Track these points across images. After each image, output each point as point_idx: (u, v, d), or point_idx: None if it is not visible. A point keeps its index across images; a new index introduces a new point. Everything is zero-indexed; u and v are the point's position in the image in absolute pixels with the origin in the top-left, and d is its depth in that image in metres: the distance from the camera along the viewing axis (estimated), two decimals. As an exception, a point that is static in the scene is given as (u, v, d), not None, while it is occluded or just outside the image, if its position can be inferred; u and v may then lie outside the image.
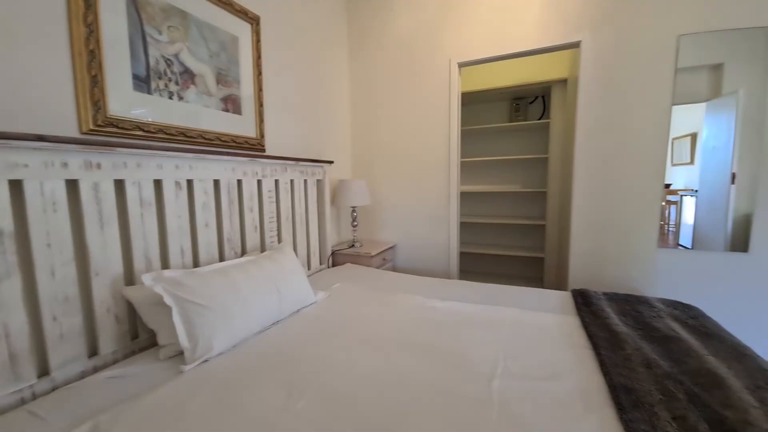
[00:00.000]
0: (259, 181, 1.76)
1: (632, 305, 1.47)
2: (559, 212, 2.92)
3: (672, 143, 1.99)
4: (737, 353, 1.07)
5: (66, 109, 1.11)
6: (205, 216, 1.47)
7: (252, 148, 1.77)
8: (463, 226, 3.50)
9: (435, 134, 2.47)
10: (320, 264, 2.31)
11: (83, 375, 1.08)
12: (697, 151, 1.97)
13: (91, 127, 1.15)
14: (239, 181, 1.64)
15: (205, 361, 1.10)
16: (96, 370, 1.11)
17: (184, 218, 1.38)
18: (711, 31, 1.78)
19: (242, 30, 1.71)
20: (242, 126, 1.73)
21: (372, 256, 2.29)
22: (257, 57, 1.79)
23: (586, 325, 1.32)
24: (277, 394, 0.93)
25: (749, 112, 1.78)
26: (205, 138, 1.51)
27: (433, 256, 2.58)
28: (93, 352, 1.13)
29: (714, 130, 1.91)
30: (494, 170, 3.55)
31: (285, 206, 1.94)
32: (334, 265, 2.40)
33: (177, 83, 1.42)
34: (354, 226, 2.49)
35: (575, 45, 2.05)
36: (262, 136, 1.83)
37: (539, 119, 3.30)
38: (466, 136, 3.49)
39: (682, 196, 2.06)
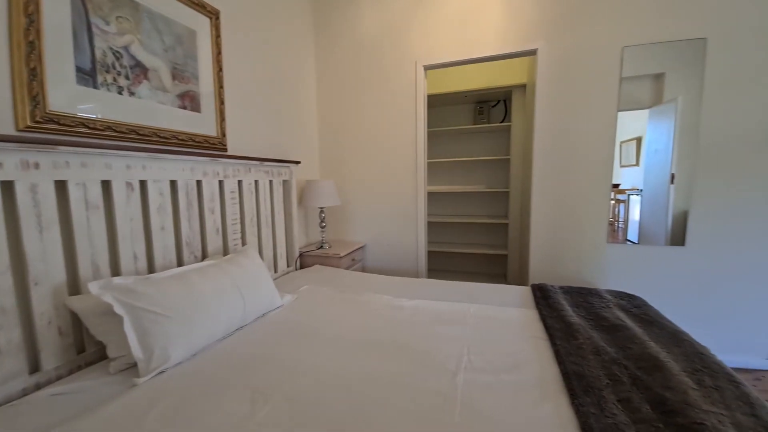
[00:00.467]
0: (220, 182, 1.70)
1: (585, 297, 1.57)
2: (521, 211, 3.06)
3: (620, 146, 2.15)
4: (676, 339, 1.18)
5: (1, 104, 1.01)
6: (161, 219, 1.39)
7: (212, 147, 1.70)
8: (431, 226, 3.58)
9: (402, 135, 2.50)
10: (288, 266, 2.27)
11: (25, 392, 0.99)
12: (642, 153, 2.14)
13: (29, 123, 1.05)
14: (199, 182, 1.57)
15: (162, 372, 1.04)
16: (39, 387, 1.02)
17: (137, 221, 1.30)
18: (652, 43, 1.94)
19: (200, 24, 1.64)
20: (201, 124, 1.66)
21: (341, 257, 2.28)
22: (217, 53, 1.73)
23: (543, 318, 1.39)
24: (240, 402, 0.91)
25: (686, 118, 1.96)
26: (159, 136, 1.43)
27: (402, 255, 2.61)
28: (35, 368, 1.03)
29: (656, 134, 2.08)
30: (460, 171, 3.65)
31: (249, 208, 1.88)
32: (302, 267, 2.36)
33: (127, 77, 1.33)
34: (322, 227, 2.47)
35: (532, 52, 2.15)
36: (224, 135, 1.76)
37: (501, 122, 3.44)
38: (432, 137, 3.56)
39: (629, 195, 2.23)
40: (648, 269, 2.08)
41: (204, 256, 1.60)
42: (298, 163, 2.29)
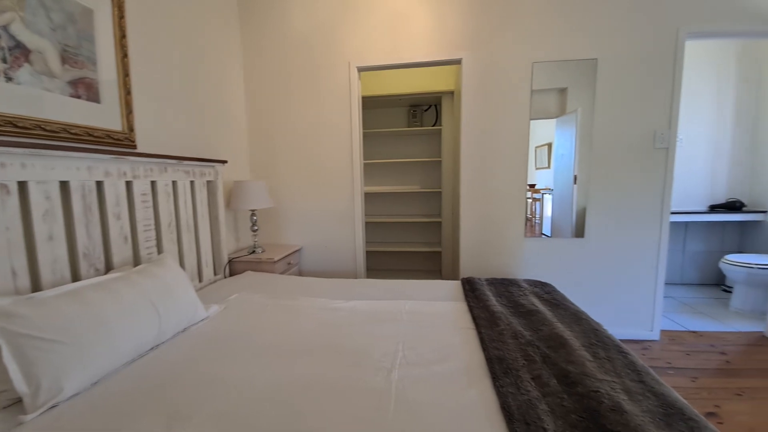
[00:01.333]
0: (128, 183, 1.50)
1: (506, 287, 1.72)
2: (452, 210, 3.25)
3: (535, 151, 2.41)
4: (576, 318, 1.35)
5: None
6: (49, 227, 1.18)
7: (117, 143, 1.49)
8: (369, 226, 3.61)
9: (338, 135, 2.48)
10: (215, 274, 2.09)
11: None
12: (552, 157, 2.42)
13: None
14: (99, 184, 1.37)
15: (54, 406, 0.88)
16: None
17: (15, 231, 1.09)
18: (556, 60, 2.21)
19: (98, 2, 1.43)
20: (102, 116, 1.44)
21: (275, 262, 2.18)
22: (121, 36, 1.52)
23: (471, 309, 1.49)
24: (154, 428, 0.81)
25: (584, 128, 2.27)
26: (45, 129, 1.21)
27: (340, 257, 2.59)
28: None
29: (562, 140, 2.37)
30: (395, 172, 3.75)
31: (166, 212, 1.70)
32: (232, 274, 2.20)
33: (5, 60, 1.11)
34: (254, 231, 2.33)
35: (457, 62, 2.30)
36: (131, 129, 1.56)
37: (433, 126, 3.62)
38: (368, 138, 3.61)
39: (543, 194, 2.50)
40: (558, 259, 2.36)
41: (108, 268, 1.40)
42: (224, 162, 2.13)
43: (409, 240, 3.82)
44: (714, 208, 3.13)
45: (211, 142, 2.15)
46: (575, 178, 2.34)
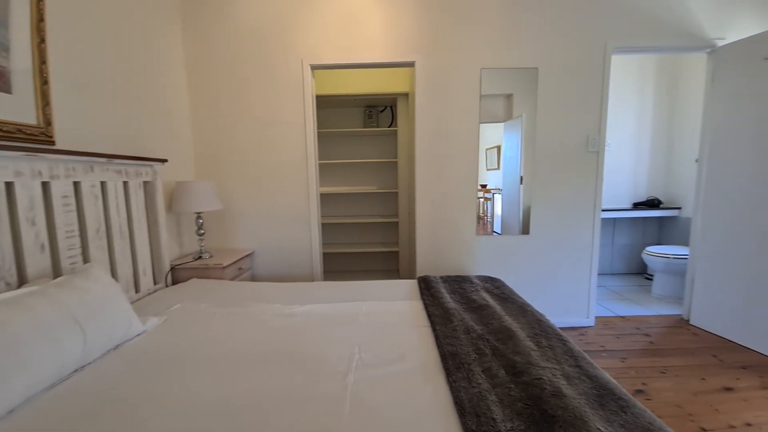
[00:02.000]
0: (45, 184, 1.32)
1: (459, 284, 1.79)
2: (408, 210, 3.30)
3: (486, 153, 2.53)
4: (522, 310, 1.44)
5: None
6: (-60, 236, 1.00)
7: (31, 139, 1.31)
8: (326, 227, 3.55)
9: (291, 135, 2.40)
10: (155, 284, 1.92)
11: None
12: (501, 159, 2.55)
13: None
14: (9, 185, 1.19)
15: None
16: None
17: None
18: (501, 68, 2.34)
19: (7, -22, 1.25)
20: (12, 108, 1.26)
21: (224, 267, 2.05)
22: (38, 19, 1.34)
23: (427, 307, 1.52)
24: (76, 462, 0.72)
25: (528, 132, 2.42)
26: (-67, 121, 1.03)
27: (296, 259, 2.51)
28: None
29: (509, 143, 2.51)
30: (352, 172, 3.73)
31: (94, 216, 1.52)
32: (175, 282, 2.04)
33: None
34: (201, 235, 2.18)
35: (411, 64, 2.34)
36: (49, 123, 1.38)
37: (389, 127, 3.65)
38: (324, 138, 3.55)
39: (494, 194, 2.63)
40: (507, 255, 2.50)
41: (22, 282, 1.22)
42: (164, 161, 1.97)
43: (367, 240, 3.81)
44: (637, 206, 3.51)
45: (148, 140, 1.97)
46: (521, 178, 2.49)
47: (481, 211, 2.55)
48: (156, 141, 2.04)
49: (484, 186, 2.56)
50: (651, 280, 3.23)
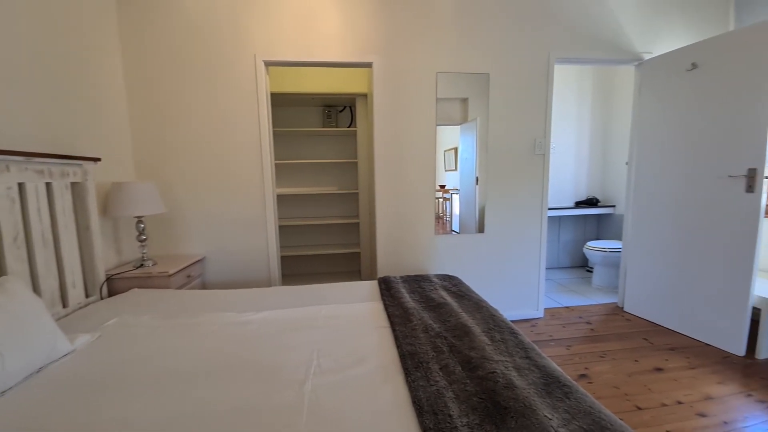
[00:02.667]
0: (-57, 187, 1.13)
1: (419, 283, 1.82)
2: (369, 210, 3.30)
3: (444, 154, 2.59)
4: (477, 306, 1.49)
5: None
6: None
7: (-77, 134, 1.11)
8: (284, 230, 3.44)
9: (245, 133, 2.29)
10: (87, 296, 1.73)
11: None
12: (458, 160, 2.63)
13: None
14: None
15: None
16: None
17: None
18: (456, 72, 2.41)
19: None
20: None
21: (170, 275, 1.90)
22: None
23: (387, 307, 1.53)
24: None
25: (482, 135, 2.52)
26: None
27: (252, 264, 2.40)
28: None
29: (465, 145, 2.60)
30: (311, 173, 3.65)
31: (10, 222, 1.33)
32: (112, 294, 1.85)
33: None
34: (142, 242, 2.00)
35: (368, 65, 2.34)
36: (-53, 116, 1.18)
37: (348, 127, 3.62)
38: (281, 138, 3.44)
39: (452, 194, 2.71)
40: (464, 253, 2.58)
41: None
42: (96, 160, 1.78)
43: (328, 242, 3.75)
44: (578, 204, 3.81)
45: (77, 137, 1.77)
46: (477, 179, 2.59)
47: (440, 211, 2.62)
48: (87, 138, 1.84)
49: (442, 186, 2.63)
50: (591, 272, 3.52)
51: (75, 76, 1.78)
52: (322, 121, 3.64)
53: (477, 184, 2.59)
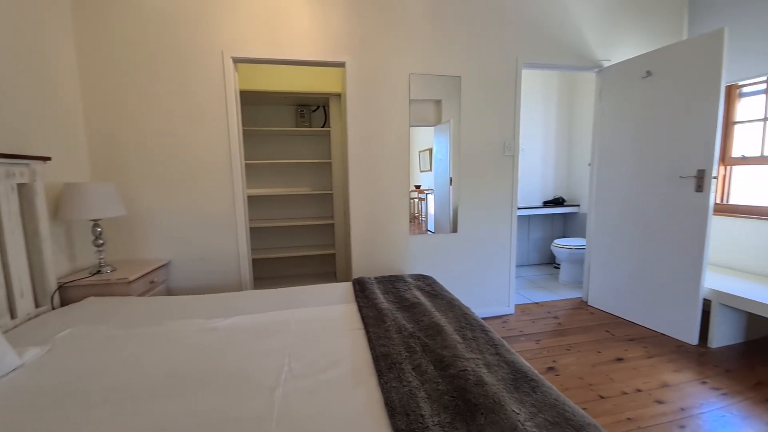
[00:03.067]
0: None
1: (393, 284, 1.82)
2: (344, 211, 3.27)
3: (419, 155, 2.62)
4: (450, 305, 1.51)
5: None
6: None
7: None
8: (255, 232, 3.35)
9: (212, 132, 2.20)
10: (37, 306, 1.61)
11: None
12: (433, 161, 2.66)
13: None
14: None
15: None
16: None
17: None
18: (429, 74, 2.44)
19: None
20: None
21: (130, 282, 1.80)
22: None
23: (361, 309, 1.52)
24: None
25: (455, 136, 2.57)
26: None
27: (221, 268, 2.31)
28: None
29: (439, 147, 2.63)
30: (284, 173, 3.57)
31: (-58, 228, 1.21)
32: (66, 303, 1.73)
33: None
34: (99, 246, 1.88)
35: (341, 64, 2.32)
36: None
37: (322, 127, 3.58)
38: (252, 137, 3.34)
39: (427, 194, 2.74)
40: (438, 253, 2.62)
41: None
42: (46, 159, 1.65)
43: (302, 244, 3.68)
44: (546, 204, 3.97)
45: (23, 134, 1.63)
46: (451, 179, 2.63)
47: (416, 211, 2.64)
48: (36, 136, 1.70)
49: (418, 187, 2.65)
50: (558, 268, 3.68)
51: (23, 70, 1.64)
52: (295, 121, 3.57)
53: (451, 184, 2.63)
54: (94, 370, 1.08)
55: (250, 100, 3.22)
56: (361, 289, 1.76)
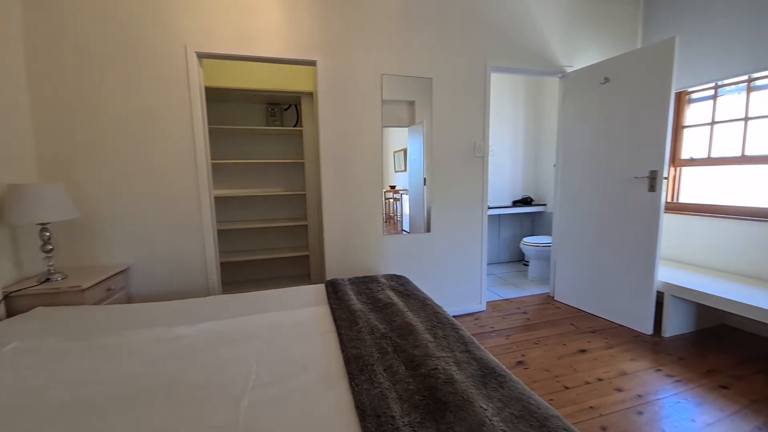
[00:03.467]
0: None
1: (366, 284, 1.81)
2: (317, 212, 3.22)
3: (393, 155, 2.62)
4: (423, 305, 1.53)
5: None
6: None
7: None
8: (224, 234, 3.23)
9: (175, 130, 2.10)
10: (-26, 319, 1.46)
11: None
12: (408, 161, 2.68)
13: None
14: None
15: None
16: None
17: None
18: (401, 75, 2.45)
19: None
20: None
21: (84, 290, 1.68)
22: None
23: (333, 311, 1.50)
24: None
25: (428, 137, 2.59)
26: None
27: (186, 272, 2.21)
28: None
29: (413, 147, 2.65)
30: (255, 173, 3.47)
31: None
32: (11, 314, 1.59)
33: None
34: (48, 252, 1.74)
35: (312, 63, 2.28)
36: None
37: (294, 126, 3.51)
38: (220, 135, 3.22)
39: (402, 194, 2.75)
40: (413, 252, 2.64)
41: None
42: (-16, 159, 1.51)
43: (275, 246, 3.59)
44: (515, 203, 4.11)
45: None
46: (425, 180, 2.65)
47: (391, 211, 2.64)
48: (-29, 132, 1.55)
49: (393, 187, 2.66)
50: (528, 266, 3.81)
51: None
52: (266, 120, 3.48)
53: (425, 185, 2.66)
54: (41, 387, 1.00)
55: (218, 97, 3.10)
56: (334, 290, 1.74)
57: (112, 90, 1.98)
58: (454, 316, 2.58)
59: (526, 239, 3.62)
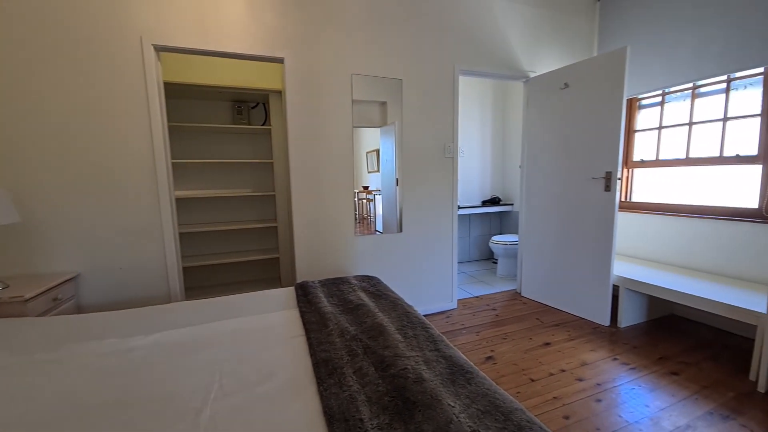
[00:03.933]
0: None
1: (337, 286, 1.79)
2: (287, 213, 3.15)
3: (366, 156, 2.60)
4: (393, 305, 1.53)
5: None
6: None
7: None
8: (190, 237, 3.09)
9: (130, 127, 1.97)
10: None
11: None
12: (380, 162, 2.67)
13: None
14: None
15: None
16: None
17: None
18: (371, 75, 2.45)
19: None
20: None
21: (27, 300, 1.53)
22: None
23: (303, 314, 1.47)
24: None
25: (399, 138, 2.60)
26: None
27: (145, 279, 2.08)
28: None
29: (386, 148, 2.65)
30: (222, 174, 3.33)
31: None
32: (-66, 331, 1.41)
33: None
34: (-18, 260, 1.57)
35: (280, 60, 2.22)
36: None
37: (262, 125, 3.40)
38: (182, 133, 3.06)
39: (375, 195, 2.74)
40: (384, 252, 2.64)
41: None
42: None
43: (243, 248, 3.47)
44: (484, 203, 4.22)
45: None
46: (397, 180, 2.66)
47: (364, 212, 2.62)
48: None
49: (366, 188, 2.64)
50: (497, 263, 3.93)
51: None
52: (232, 118, 3.35)
53: (398, 185, 2.67)
54: (-31, 411, 0.90)
55: (180, 93, 2.95)
56: (303, 293, 1.70)
57: (60, 84, 1.82)
58: (426, 315, 2.62)
59: (495, 238, 3.73)
